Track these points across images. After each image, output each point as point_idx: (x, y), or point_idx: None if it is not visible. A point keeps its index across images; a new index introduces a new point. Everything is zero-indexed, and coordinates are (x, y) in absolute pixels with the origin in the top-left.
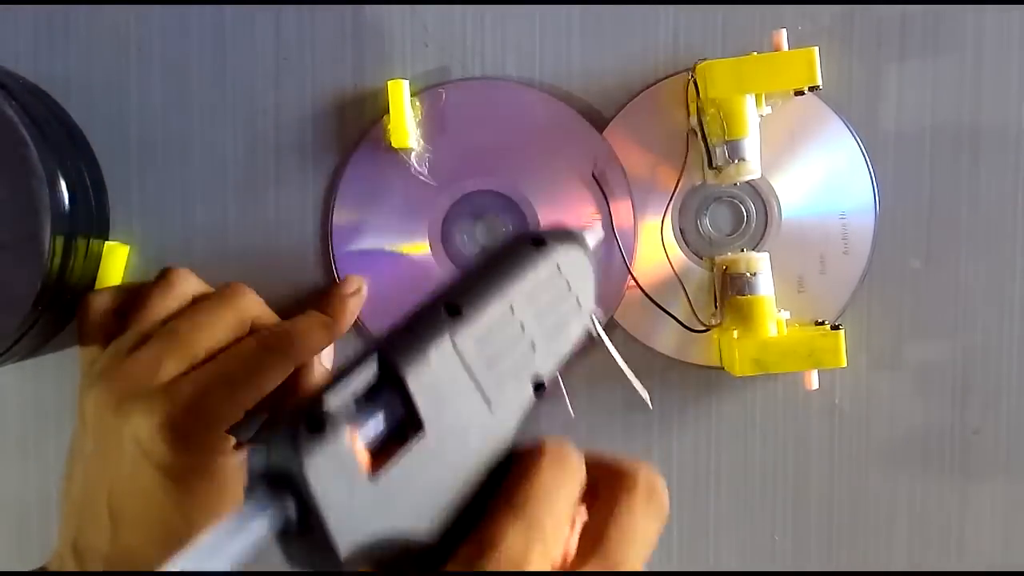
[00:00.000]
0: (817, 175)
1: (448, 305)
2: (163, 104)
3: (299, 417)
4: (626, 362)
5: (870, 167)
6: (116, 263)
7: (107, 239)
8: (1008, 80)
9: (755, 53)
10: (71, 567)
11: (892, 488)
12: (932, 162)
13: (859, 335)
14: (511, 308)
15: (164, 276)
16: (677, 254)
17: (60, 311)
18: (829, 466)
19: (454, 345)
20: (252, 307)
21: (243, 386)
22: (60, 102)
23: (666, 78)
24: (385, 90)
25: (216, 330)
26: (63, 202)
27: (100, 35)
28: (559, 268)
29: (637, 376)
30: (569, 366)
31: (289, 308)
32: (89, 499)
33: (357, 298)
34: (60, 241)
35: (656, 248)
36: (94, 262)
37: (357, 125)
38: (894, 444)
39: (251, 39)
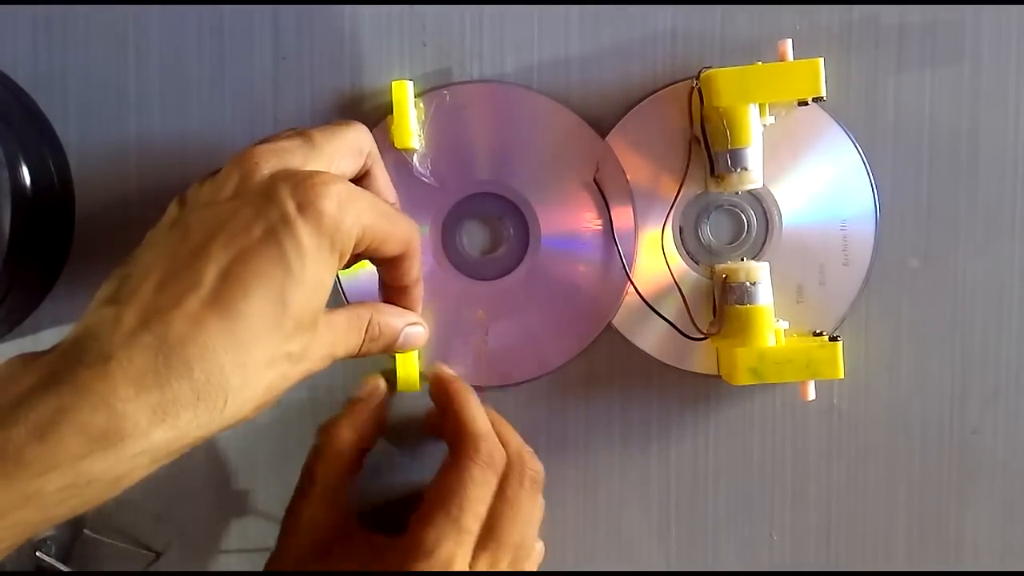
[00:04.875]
0: (818, 184)
1: None
2: (161, 104)
3: None
4: (624, 368)
5: (871, 176)
6: None
7: (72, 228)
8: (1006, 86)
9: (760, 63)
10: (108, 337)
11: (890, 487)
12: (931, 170)
13: (858, 335)
14: None
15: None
16: (677, 262)
17: (25, 294)
18: (827, 465)
19: None
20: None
21: (384, 210)
22: (58, 101)
23: (667, 86)
24: (385, 90)
25: (350, 160)
26: (25, 186)
27: (98, 35)
28: None
29: (635, 383)
30: (568, 369)
31: None
32: (189, 250)
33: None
34: (22, 223)
35: (656, 255)
36: (58, 248)
37: None
38: (892, 444)
39: (249, 39)
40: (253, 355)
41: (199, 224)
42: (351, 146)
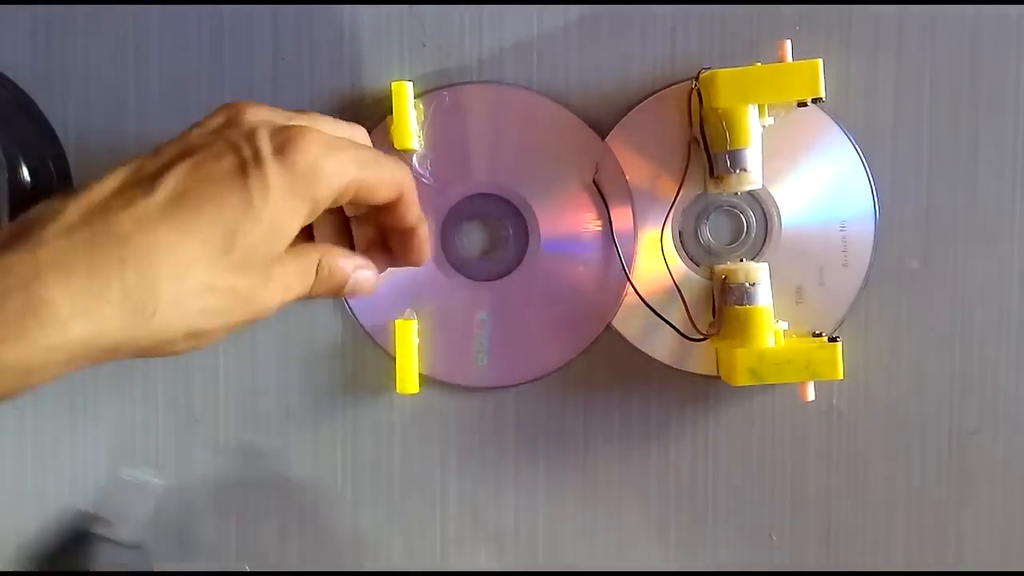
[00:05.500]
0: (817, 185)
1: None
2: (161, 105)
3: None
4: (624, 369)
5: (870, 177)
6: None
7: None
8: (1005, 87)
9: (759, 63)
10: (51, 226)
11: (889, 488)
12: (930, 171)
13: (857, 336)
14: None
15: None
16: (676, 263)
17: None
18: (826, 466)
19: None
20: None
21: (369, 160)
22: (58, 102)
23: (666, 87)
24: (385, 91)
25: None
26: (25, 186)
27: (98, 36)
28: None
29: (634, 384)
30: (567, 370)
31: (291, 316)
32: (153, 163)
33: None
34: None
35: (656, 256)
36: None
37: None
38: (891, 445)
39: (249, 39)
40: (192, 273)
41: (171, 148)
42: (340, 126)
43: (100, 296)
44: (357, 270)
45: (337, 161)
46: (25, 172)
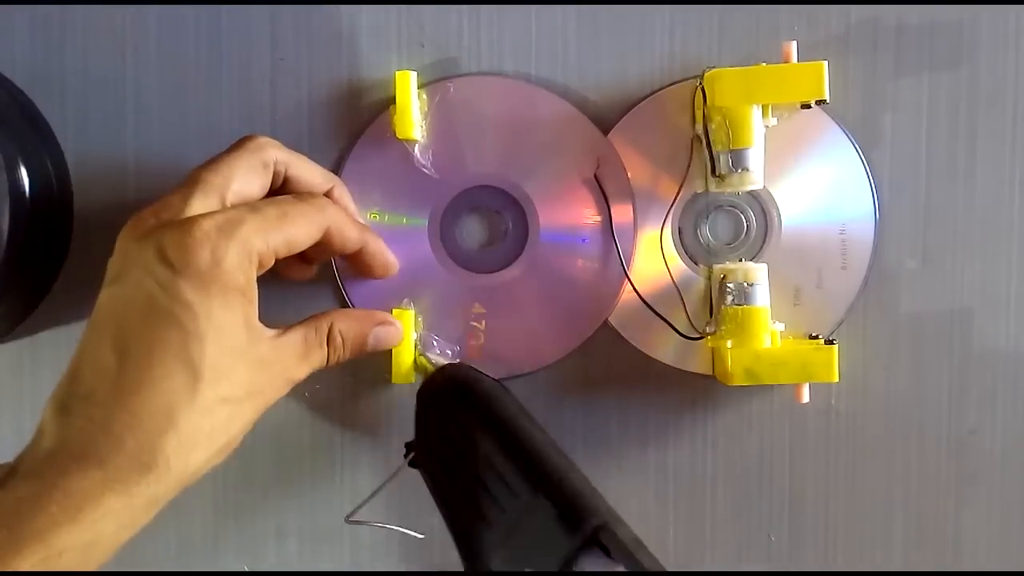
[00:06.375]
0: (817, 186)
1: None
2: (159, 105)
3: None
4: (623, 368)
5: (871, 179)
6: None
7: (71, 230)
8: (1004, 88)
9: (764, 63)
10: (50, 432)
11: (888, 488)
12: (929, 173)
13: (856, 335)
14: None
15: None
16: (676, 262)
17: (24, 295)
18: (825, 465)
19: None
20: (274, 153)
21: (274, 220)
22: (56, 102)
23: (669, 86)
24: (382, 89)
25: (250, 180)
26: (24, 187)
27: (96, 35)
28: None
29: (633, 383)
30: (565, 368)
31: (290, 304)
32: (91, 344)
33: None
34: (21, 225)
35: (655, 254)
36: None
37: (353, 124)
38: (890, 444)
39: (247, 39)
40: (180, 415)
41: (96, 313)
42: (247, 166)
43: (120, 480)
44: (377, 327)
45: (237, 242)
46: (23, 173)
